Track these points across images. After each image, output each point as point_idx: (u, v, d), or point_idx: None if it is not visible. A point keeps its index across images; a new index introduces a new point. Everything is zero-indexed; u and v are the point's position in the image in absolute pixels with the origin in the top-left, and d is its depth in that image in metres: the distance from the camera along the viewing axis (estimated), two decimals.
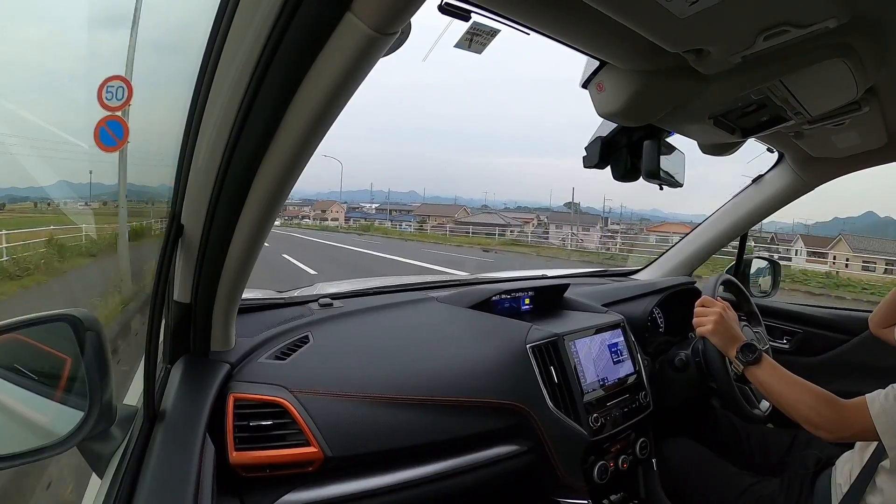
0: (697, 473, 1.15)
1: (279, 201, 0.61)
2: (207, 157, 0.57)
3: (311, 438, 0.76)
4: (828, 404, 0.87)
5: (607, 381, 1.12)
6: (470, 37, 0.74)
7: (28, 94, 11.81)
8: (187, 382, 0.72)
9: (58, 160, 5.84)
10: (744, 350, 0.95)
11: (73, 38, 8.43)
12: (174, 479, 0.57)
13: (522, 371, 0.99)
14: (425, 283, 1.40)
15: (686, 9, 0.54)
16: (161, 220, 4.78)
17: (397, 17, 0.45)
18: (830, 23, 0.60)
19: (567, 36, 0.67)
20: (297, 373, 0.83)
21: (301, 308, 1.05)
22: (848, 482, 0.92)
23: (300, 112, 0.51)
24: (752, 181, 1.58)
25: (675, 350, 1.28)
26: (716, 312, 1.00)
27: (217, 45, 0.50)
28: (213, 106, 0.54)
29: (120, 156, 5.08)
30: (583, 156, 1.01)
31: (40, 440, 0.58)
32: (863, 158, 1.33)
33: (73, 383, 0.60)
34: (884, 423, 0.81)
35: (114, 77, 4.78)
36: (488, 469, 0.93)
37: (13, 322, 0.60)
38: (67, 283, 5.59)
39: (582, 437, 1.01)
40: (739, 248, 1.74)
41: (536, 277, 1.58)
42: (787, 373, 0.92)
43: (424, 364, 0.94)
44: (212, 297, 0.72)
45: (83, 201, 7.59)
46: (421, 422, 0.87)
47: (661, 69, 0.74)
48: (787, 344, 1.64)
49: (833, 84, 0.78)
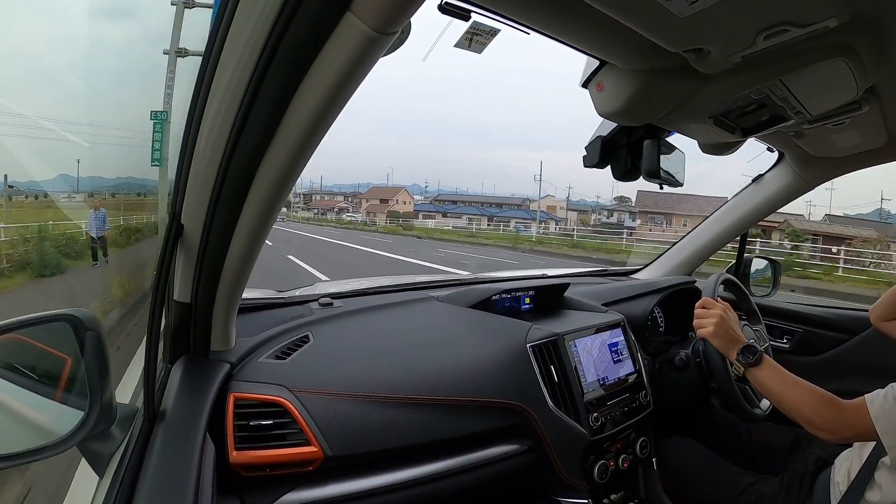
0: (697, 472, 1.15)
1: (279, 201, 0.61)
2: (207, 157, 0.57)
3: (312, 438, 0.76)
4: (828, 405, 0.87)
5: (607, 380, 1.12)
6: (470, 36, 0.74)
7: (26, 86, 11.79)
8: (187, 382, 0.72)
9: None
10: (744, 351, 0.95)
11: (73, 30, 8.43)
12: (174, 479, 0.57)
13: (523, 370, 0.99)
14: (425, 282, 1.40)
15: (686, 8, 0.54)
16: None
17: (397, 17, 0.45)
18: (830, 22, 0.60)
19: (567, 35, 0.67)
20: (298, 372, 0.83)
21: (301, 308, 1.05)
22: (847, 480, 0.92)
23: (300, 112, 0.51)
24: (752, 181, 1.58)
25: (676, 349, 1.28)
26: (716, 314, 1.00)
27: (217, 45, 0.50)
28: (214, 105, 0.54)
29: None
30: (583, 155, 1.01)
31: (41, 440, 0.58)
32: (863, 158, 1.33)
33: (74, 383, 0.60)
34: (884, 424, 0.81)
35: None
36: (488, 468, 0.93)
37: (13, 322, 0.60)
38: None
39: (582, 437, 1.01)
40: (739, 248, 1.73)
41: (536, 277, 1.58)
42: (788, 374, 0.92)
43: (425, 363, 0.94)
44: (212, 297, 0.72)
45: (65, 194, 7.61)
46: (421, 421, 0.87)
47: (661, 69, 0.74)
48: (787, 343, 1.64)
49: (833, 84, 0.78)
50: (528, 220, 35.37)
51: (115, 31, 11.49)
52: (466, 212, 40.87)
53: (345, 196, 55.10)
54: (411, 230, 27.16)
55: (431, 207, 45.06)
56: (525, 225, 32.99)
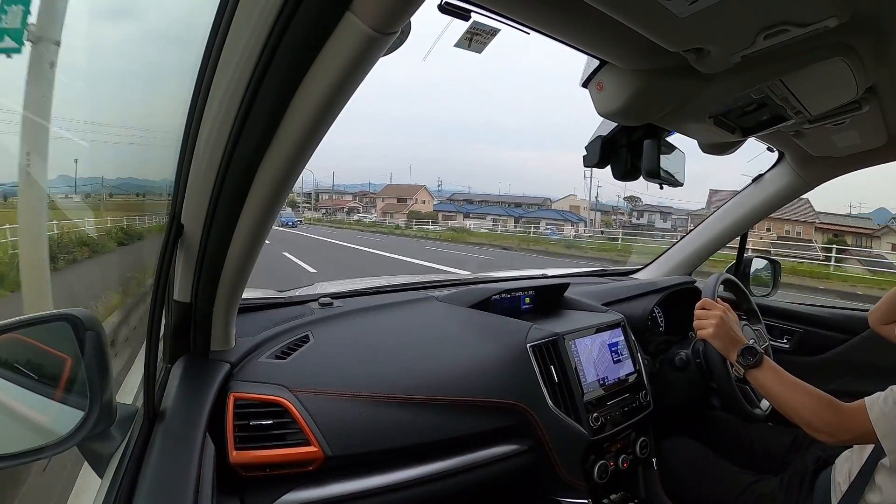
0: (697, 472, 1.15)
1: (279, 201, 0.61)
2: (207, 157, 0.57)
3: (311, 438, 0.76)
4: (828, 408, 0.86)
5: (607, 380, 1.12)
6: (470, 36, 0.74)
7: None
8: (187, 382, 0.72)
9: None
10: (744, 353, 0.94)
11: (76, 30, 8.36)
12: (174, 479, 0.57)
13: (522, 370, 0.99)
14: (425, 282, 1.40)
15: (686, 8, 0.54)
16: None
17: (397, 17, 0.45)
18: (830, 22, 0.60)
19: (567, 35, 0.67)
20: (298, 372, 0.83)
21: (301, 307, 1.05)
22: (847, 480, 0.92)
23: (300, 112, 0.51)
24: (753, 180, 1.58)
25: (675, 349, 1.28)
26: (716, 315, 0.99)
27: (217, 45, 0.50)
28: (213, 105, 0.54)
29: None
30: (583, 155, 1.01)
31: (41, 440, 0.58)
32: (863, 158, 1.33)
33: (73, 383, 0.60)
34: (883, 428, 0.81)
35: None
36: (488, 468, 0.93)
37: (13, 322, 0.60)
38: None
39: (582, 437, 1.01)
40: (739, 248, 1.74)
41: (536, 277, 1.58)
42: (788, 376, 0.92)
43: (425, 363, 0.94)
44: (212, 297, 0.72)
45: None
46: (421, 421, 0.87)
47: (661, 68, 0.74)
48: (787, 343, 1.64)
49: (833, 83, 0.78)
50: (559, 222, 33.22)
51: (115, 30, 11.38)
52: (490, 212, 38.43)
53: (353, 195, 52.61)
54: (464, 235, 21.58)
55: (451, 207, 41.85)
56: (557, 227, 30.92)
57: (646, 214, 34.18)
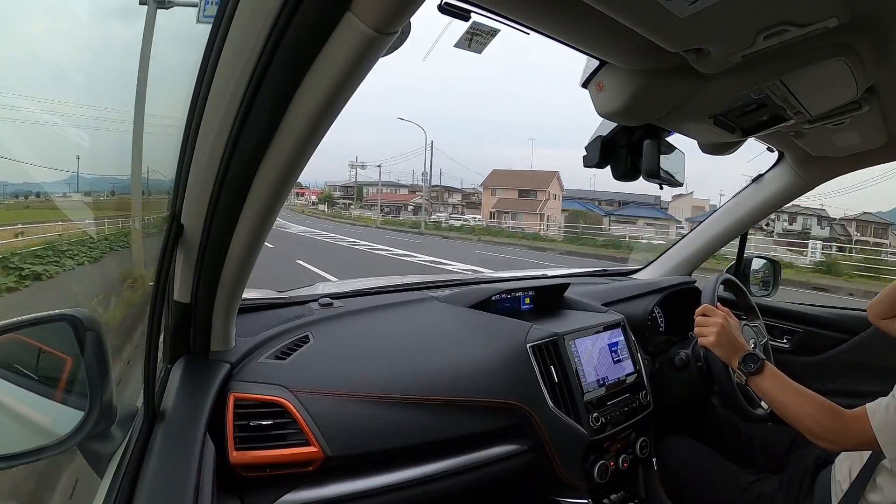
0: (697, 472, 1.15)
1: (279, 201, 0.61)
2: (207, 157, 0.57)
3: (312, 438, 0.76)
4: (830, 415, 0.85)
5: (607, 380, 1.12)
6: (470, 36, 0.74)
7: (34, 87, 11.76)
8: (187, 382, 0.72)
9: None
10: (746, 360, 0.94)
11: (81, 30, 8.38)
12: (174, 479, 0.57)
13: (523, 370, 0.99)
14: (425, 282, 1.40)
15: (685, 8, 0.54)
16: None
17: (397, 17, 0.45)
18: (830, 22, 0.60)
19: (567, 35, 0.67)
20: (298, 372, 0.83)
21: (301, 308, 1.05)
22: (848, 480, 0.92)
23: (300, 112, 0.51)
24: (752, 180, 1.58)
25: (675, 349, 1.28)
26: (717, 322, 0.98)
27: (217, 45, 0.50)
28: (214, 105, 0.54)
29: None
30: (583, 155, 1.01)
31: (41, 440, 0.58)
32: (863, 158, 1.33)
33: (73, 383, 0.60)
34: (886, 437, 0.80)
35: None
36: (488, 468, 0.93)
37: (13, 322, 0.60)
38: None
39: (582, 437, 1.01)
40: (739, 248, 1.73)
41: (536, 277, 1.58)
42: (790, 382, 0.91)
43: (425, 364, 0.94)
44: (212, 297, 0.72)
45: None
46: (421, 421, 0.87)
47: (660, 69, 0.74)
48: (786, 343, 1.64)
49: (833, 83, 0.78)
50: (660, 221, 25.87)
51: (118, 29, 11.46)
52: (639, 214, 28.22)
53: (408, 189, 39.36)
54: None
55: (577, 206, 29.77)
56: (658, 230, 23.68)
57: (799, 218, 23.45)
